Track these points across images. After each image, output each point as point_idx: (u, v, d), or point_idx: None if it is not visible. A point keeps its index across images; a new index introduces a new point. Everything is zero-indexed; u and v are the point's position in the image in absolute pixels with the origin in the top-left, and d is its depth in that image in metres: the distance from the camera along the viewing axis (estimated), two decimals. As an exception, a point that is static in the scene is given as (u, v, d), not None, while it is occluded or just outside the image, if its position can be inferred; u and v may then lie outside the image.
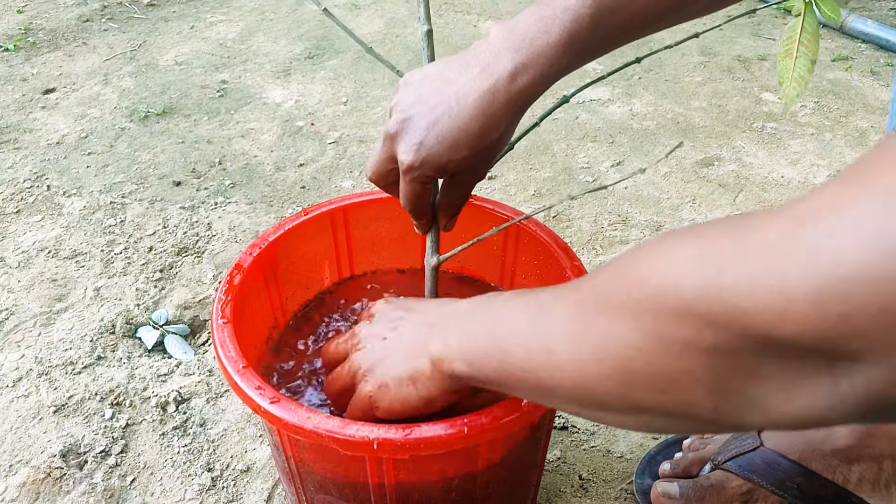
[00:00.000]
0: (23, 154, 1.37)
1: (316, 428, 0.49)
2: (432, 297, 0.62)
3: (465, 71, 0.50)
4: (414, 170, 0.51)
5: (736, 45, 1.79)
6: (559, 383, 0.36)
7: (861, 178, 0.23)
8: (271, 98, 1.57)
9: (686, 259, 0.28)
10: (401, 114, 0.51)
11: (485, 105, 0.49)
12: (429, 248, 0.60)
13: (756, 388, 0.27)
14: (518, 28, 0.49)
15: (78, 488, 0.78)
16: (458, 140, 0.49)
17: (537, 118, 0.62)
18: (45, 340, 0.96)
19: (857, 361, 0.23)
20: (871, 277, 0.22)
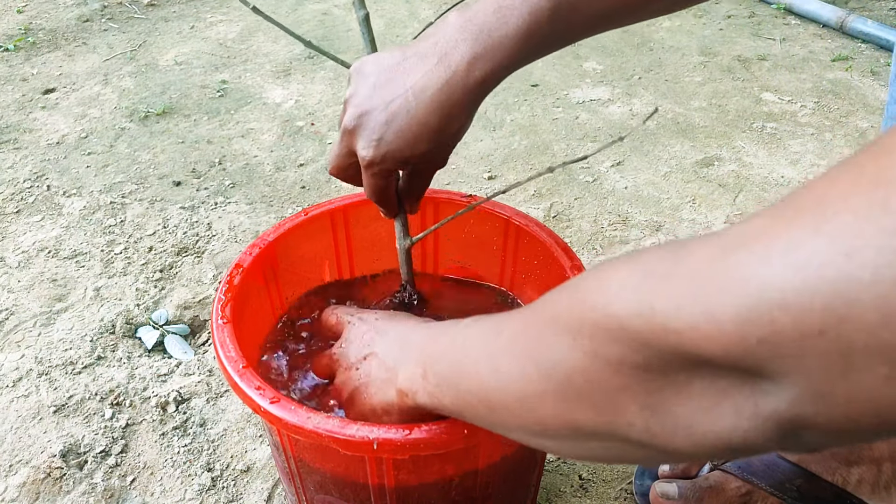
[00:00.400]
0: (23, 154, 1.37)
1: (316, 428, 0.49)
2: (409, 280, 0.62)
3: (421, 62, 0.49)
4: (374, 165, 0.51)
5: (736, 45, 1.79)
6: (506, 404, 0.36)
7: (794, 209, 0.24)
8: (271, 98, 1.57)
9: (622, 281, 0.29)
10: (357, 108, 0.51)
11: (443, 98, 0.48)
12: (398, 232, 0.61)
13: (684, 407, 0.27)
14: (476, 17, 0.48)
15: (78, 488, 0.78)
16: (418, 134, 0.49)
17: None
18: (45, 340, 0.96)
19: (776, 383, 0.24)
20: (793, 304, 0.22)
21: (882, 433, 0.24)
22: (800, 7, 1.93)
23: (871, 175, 0.22)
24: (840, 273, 0.21)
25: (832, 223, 0.22)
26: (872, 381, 0.22)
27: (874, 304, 0.21)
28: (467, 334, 0.42)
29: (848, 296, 0.21)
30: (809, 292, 0.22)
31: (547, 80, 1.63)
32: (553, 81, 1.63)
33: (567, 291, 0.34)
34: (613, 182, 1.30)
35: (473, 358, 0.39)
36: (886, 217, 0.21)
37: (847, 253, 0.21)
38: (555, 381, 0.32)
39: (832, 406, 0.23)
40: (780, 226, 0.24)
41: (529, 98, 1.57)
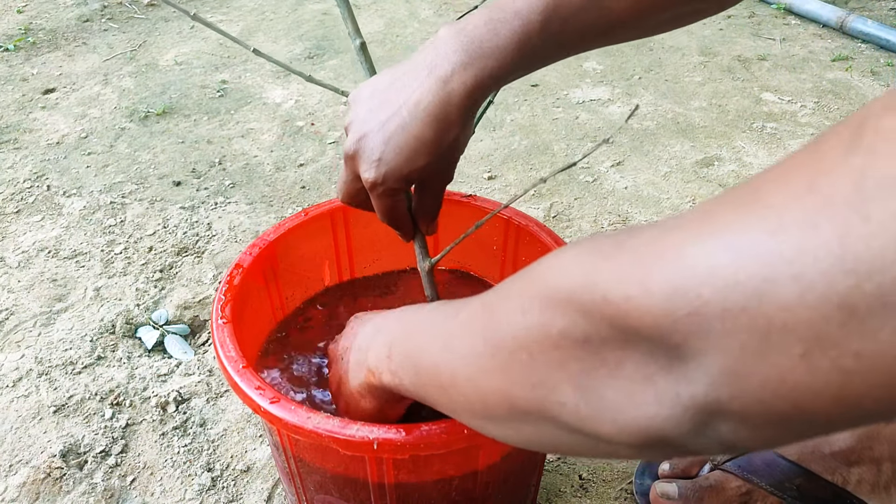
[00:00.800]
0: (23, 154, 1.37)
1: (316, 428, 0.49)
2: (433, 299, 0.62)
3: (413, 78, 0.49)
4: (378, 185, 0.51)
5: (736, 45, 1.79)
6: (455, 383, 0.37)
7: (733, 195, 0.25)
8: (271, 98, 1.57)
9: (573, 257, 0.30)
10: (355, 133, 0.51)
11: (436, 111, 0.48)
12: (418, 253, 0.60)
13: (613, 389, 0.28)
14: (467, 29, 0.48)
15: (78, 488, 0.78)
16: (416, 149, 0.49)
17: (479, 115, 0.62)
18: (45, 340, 0.96)
19: (697, 364, 0.24)
20: (719, 280, 0.23)
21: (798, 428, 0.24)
22: (800, 7, 1.93)
23: (801, 163, 0.23)
24: (764, 250, 0.22)
25: (761, 203, 0.23)
26: (787, 361, 0.22)
27: (793, 279, 0.21)
28: (432, 315, 0.43)
29: (770, 272, 0.22)
30: (735, 269, 0.23)
31: (547, 80, 1.63)
32: (553, 81, 1.63)
33: (523, 273, 0.35)
34: (613, 182, 1.30)
35: (432, 337, 0.40)
36: (809, 196, 0.22)
37: (772, 230, 0.22)
38: (500, 358, 0.33)
39: (747, 389, 0.23)
40: (717, 208, 0.25)
41: (529, 98, 1.57)
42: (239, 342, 0.58)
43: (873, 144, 0.21)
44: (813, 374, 0.22)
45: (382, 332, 0.49)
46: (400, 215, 0.56)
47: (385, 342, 0.47)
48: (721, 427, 0.25)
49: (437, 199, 0.58)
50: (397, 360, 0.45)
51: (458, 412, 0.39)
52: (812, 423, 0.23)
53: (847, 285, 0.20)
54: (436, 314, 0.42)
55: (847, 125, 0.23)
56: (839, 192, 0.21)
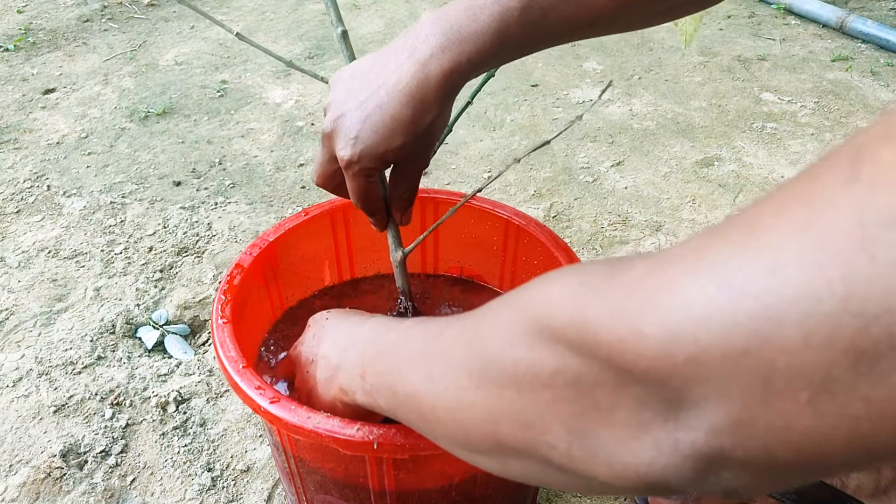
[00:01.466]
0: (23, 154, 1.37)
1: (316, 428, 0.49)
2: (405, 291, 0.62)
3: (392, 59, 0.50)
4: (353, 164, 0.51)
5: (736, 45, 1.79)
6: (435, 413, 0.36)
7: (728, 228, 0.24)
8: (271, 98, 1.57)
9: (561, 290, 0.28)
10: (334, 112, 0.52)
11: (413, 91, 0.49)
12: (391, 243, 0.60)
13: (607, 434, 0.27)
14: (446, 14, 0.49)
15: (78, 488, 0.78)
16: (393, 128, 0.49)
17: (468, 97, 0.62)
18: (45, 340, 0.96)
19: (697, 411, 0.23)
20: (717, 322, 0.22)
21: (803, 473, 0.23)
22: (800, 7, 1.93)
23: (799, 196, 0.22)
24: (764, 290, 0.21)
25: (759, 240, 0.22)
26: (792, 407, 0.21)
27: (797, 321, 0.20)
28: (409, 335, 0.41)
29: (772, 314, 0.20)
30: (734, 310, 0.21)
31: (547, 80, 1.63)
32: (553, 81, 1.63)
33: (510, 299, 0.33)
34: (613, 182, 1.30)
35: (410, 361, 0.39)
36: (810, 233, 0.20)
37: (772, 269, 0.21)
38: (485, 392, 0.32)
39: (751, 437, 0.22)
40: (712, 243, 0.23)
41: (529, 98, 1.57)
42: (239, 342, 0.58)
43: (873, 178, 0.20)
44: (820, 421, 0.21)
45: (354, 347, 0.48)
46: (374, 199, 0.56)
47: (357, 361, 0.46)
48: (724, 474, 0.24)
49: (412, 185, 0.57)
50: (371, 381, 0.44)
51: (439, 440, 0.38)
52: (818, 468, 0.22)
53: (854, 328, 0.19)
54: (413, 334, 0.41)
55: (844, 154, 0.21)
56: (841, 230, 0.20)
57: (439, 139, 0.55)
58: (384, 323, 0.48)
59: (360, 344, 0.47)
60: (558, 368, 0.28)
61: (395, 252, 0.60)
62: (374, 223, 0.59)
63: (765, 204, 0.23)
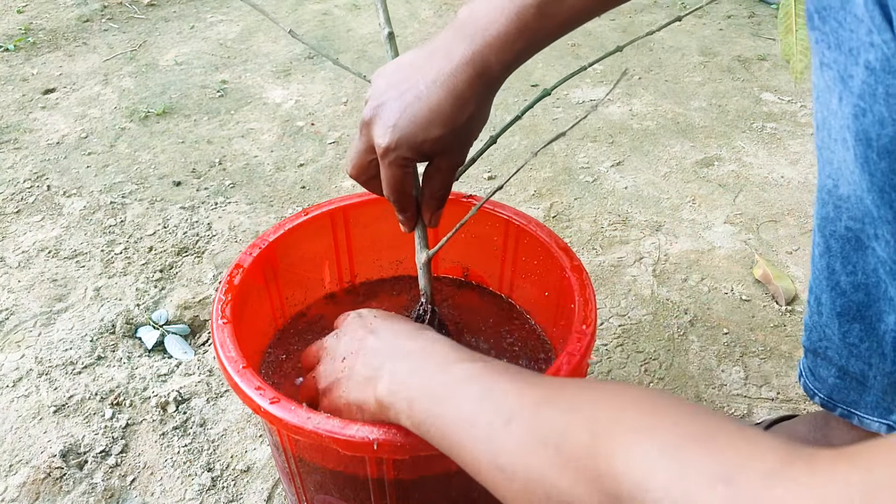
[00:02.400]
0: (23, 154, 1.37)
1: (316, 428, 0.49)
2: (427, 292, 0.62)
3: (430, 58, 0.53)
4: (391, 151, 0.52)
5: (736, 45, 1.79)
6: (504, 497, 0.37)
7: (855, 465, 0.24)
8: (271, 98, 1.57)
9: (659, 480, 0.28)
10: (374, 101, 0.53)
11: (451, 86, 0.51)
12: (417, 244, 0.60)
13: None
14: (472, 17, 0.52)
15: (78, 488, 0.79)
16: (431, 119, 0.51)
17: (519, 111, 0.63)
18: (45, 340, 0.96)
19: None
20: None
21: None
22: (800, 7, 1.93)
23: None
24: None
25: None
26: None
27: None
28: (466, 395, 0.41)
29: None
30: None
31: (547, 80, 1.63)
32: (553, 81, 1.63)
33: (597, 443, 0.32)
34: (613, 182, 1.30)
35: (473, 438, 0.39)
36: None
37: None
38: None
39: None
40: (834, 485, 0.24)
41: (529, 98, 1.57)
42: (239, 342, 0.58)
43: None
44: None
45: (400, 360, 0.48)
46: (407, 192, 0.56)
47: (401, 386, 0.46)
48: None
49: (446, 182, 0.58)
50: (420, 418, 0.44)
51: None
52: None
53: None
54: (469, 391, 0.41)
55: None
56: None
57: (475, 136, 0.56)
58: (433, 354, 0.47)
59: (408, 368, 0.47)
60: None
61: (421, 253, 0.60)
62: (402, 221, 0.59)
63: None
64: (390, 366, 0.48)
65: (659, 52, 1.76)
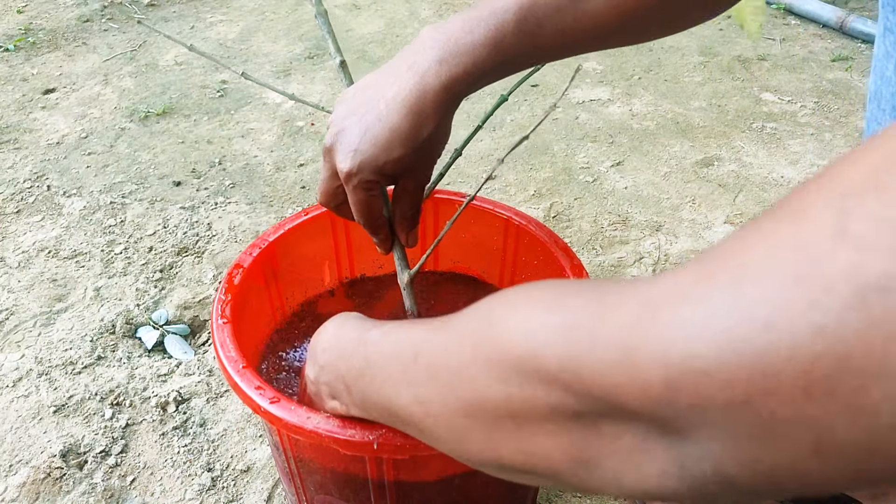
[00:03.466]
0: (23, 154, 1.37)
1: (316, 428, 0.49)
2: (412, 312, 0.61)
3: (391, 74, 0.51)
4: (353, 176, 0.52)
5: (736, 45, 1.79)
6: (436, 434, 0.36)
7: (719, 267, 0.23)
8: (271, 98, 1.57)
9: (546, 329, 0.28)
10: (334, 128, 0.53)
11: (411, 103, 0.49)
12: (398, 265, 0.59)
13: (611, 461, 0.27)
14: (445, 28, 0.50)
15: (78, 488, 0.78)
16: (391, 140, 0.50)
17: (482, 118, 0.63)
18: (45, 340, 0.96)
19: (703, 445, 0.24)
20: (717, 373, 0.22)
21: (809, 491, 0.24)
22: (800, 7, 1.93)
23: (787, 243, 0.22)
24: (761, 345, 0.21)
25: (752, 291, 0.22)
26: (796, 453, 0.21)
27: (795, 378, 0.20)
28: (382, 352, 0.41)
29: (770, 368, 0.21)
30: (733, 363, 0.22)
31: (547, 81, 1.63)
32: (553, 81, 1.63)
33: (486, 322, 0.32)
34: (613, 182, 1.30)
35: (394, 383, 0.39)
36: (802, 288, 0.21)
37: (766, 325, 0.21)
38: (480, 420, 0.32)
39: (757, 471, 0.23)
40: (703, 286, 0.23)
41: (529, 98, 1.57)
42: (239, 342, 0.58)
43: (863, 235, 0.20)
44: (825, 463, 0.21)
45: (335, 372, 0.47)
46: (376, 215, 0.56)
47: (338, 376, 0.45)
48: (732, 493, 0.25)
49: (414, 202, 0.57)
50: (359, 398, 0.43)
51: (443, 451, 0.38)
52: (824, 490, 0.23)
53: (853, 387, 0.19)
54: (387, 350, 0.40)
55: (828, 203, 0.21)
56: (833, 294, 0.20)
57: (439, 153, 0.55)
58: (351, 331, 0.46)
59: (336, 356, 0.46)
60: (555, 406, 0.28)
61: (402, 274, 0.59)
62: (378, 244, 0.59)
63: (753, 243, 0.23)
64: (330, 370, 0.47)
65: (659, 52, 1.76)
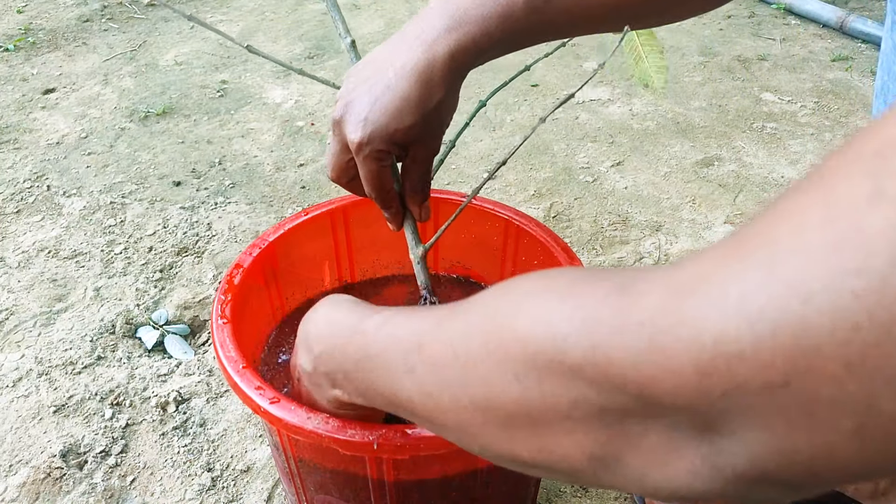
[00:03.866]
0: (23, 154, 1.37)
1: (316, 428, 0.49)
2: (427, 287, 0.61)
3: (401, 43, 0.51)
4: (364, 146, 0.51)
5: (736, 45, 1.79)
6: (445, 425, 0.35)
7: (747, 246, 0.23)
8: (271, 98, 1.57)
9: (566, 322, 0.27)
10: (344, 98, 0.52)
11: (420, 70, 0.50)
12: (409, 240, 0.60)
13: (637, 459, 0.26)
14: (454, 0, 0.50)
15: (78, 488, 0.78)
16: (401, 108, 0.50)
17: None
18: (45, 340, 0.96)
19: (737, 439, 0.23)
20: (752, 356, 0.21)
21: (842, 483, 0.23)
22: (800, 7, 1.93)
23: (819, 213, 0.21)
24: (798, 321, 0.20)
25: (785, 266, 0.21)
26: (837, 437, 0.21)
27: (837, 352, 0.19)
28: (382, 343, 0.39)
29: (809, 345, 0.20)
30: (769, 343, 0.21)
31: (547, 80, 1.63)
32: (553, 81, 1.63)
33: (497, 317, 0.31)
34: (613, 182, 1.30)
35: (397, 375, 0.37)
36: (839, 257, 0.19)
37: (804, 298, 0.20)
38: (493, 416, 0.31)
39: (795, 462, 0.22)
40: (732, 267, 0.22)
41: (529, 98, 1.57)
42: (239, 342, 0.57)
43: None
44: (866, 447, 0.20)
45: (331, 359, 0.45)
46: (387, 187, 0.55)
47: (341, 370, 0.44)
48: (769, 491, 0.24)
49: (424, 173, 0.57)
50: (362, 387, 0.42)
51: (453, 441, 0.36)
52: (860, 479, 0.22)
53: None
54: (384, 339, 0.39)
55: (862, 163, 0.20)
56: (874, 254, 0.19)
57: (447, 123, 0.55)
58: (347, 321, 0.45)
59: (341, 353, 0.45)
60: (577, 402, 0.27)
61: (416, 248, 0.59)
62: (389, 219, 0.58)
63: (781, 219, 0.22)
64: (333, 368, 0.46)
65: (659, 52, 1.76)
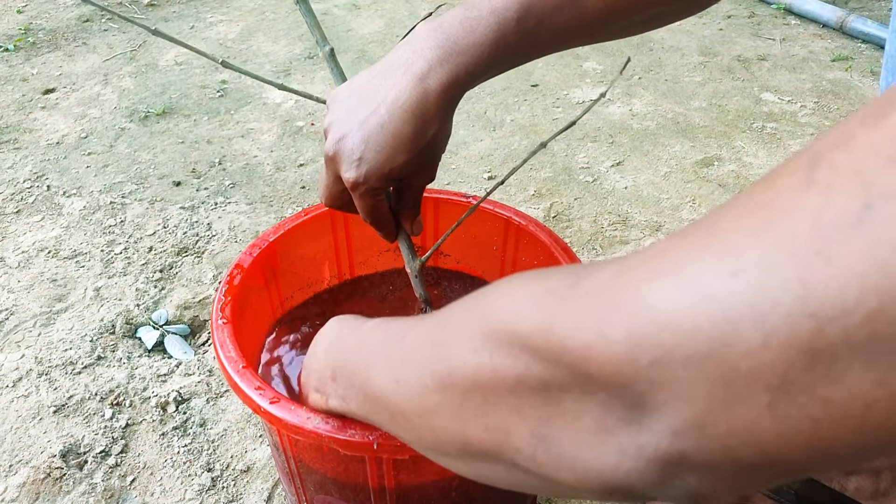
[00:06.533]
0: (23, 154, 1.37)
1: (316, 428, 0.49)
2: (424, 299, 0.61)
3: (390, 75, 0.50)
4: (360, 185, 0.51)
5: (736, 45, 1.79)
6: (405, 415, 0.36)
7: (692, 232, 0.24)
8: (271, 98, 1.57)
9: (526, 297, 0.29)
10: (335, 134, 0.52)
11: (413, 107, 0.49)
12: (405, 254, 0.60)
13: (571, 438, 0.27)
14: (443, 27, 0.49)
15: (78, 488, 0.78)
16: (395, 147, 0.50)
17: None
18: (45, 340, 0.96)
19: (660, 414, 0.24)
20: (679, 325, 0.22)
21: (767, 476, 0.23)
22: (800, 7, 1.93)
23: (759, 201, 0.22)
24: (725, 293, 0.21)
25: (720, 243, 0.22)
26: (753, 410, 0.21)
27: (755, 323, 0.20)
28: (373, 337, 0.41)
29: (732, 316, 0.21)
30: (696, 313, 0.21)
31: (547, 80, 1.63)
32: (553, 81, 1.63)
33: (473, 302, 0.33)
34: (613, 182, 1.30)
35: (376, 364, 0.39)
36: (767, 236, 0.21)
37: (731, 272, 0.21)
38: (451, 394, 0.32)
39: (712, 440, 0.22)
40: (674, 247, 0.24)
41: (529, 98, 1.57)
42: (239, 342, 0.58)
43: (829, 181, 0.20)
44: (781, 423, 0.21)
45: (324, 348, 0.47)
46: (382, 215, 0.56)
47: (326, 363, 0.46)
48: (688, 477, 0.24)
49: (416, 198, 0.58)
50: (343, 385, 0.43)
51: (412, 443, 0.38)
52: (782, 471, 0.23)
53: (810, 329, 0.19)
54: (377, 334, 0.41)
55: (802, 160, 0.22)
56: (798, 232, 0.20)
57: (442, 152, 0.55)
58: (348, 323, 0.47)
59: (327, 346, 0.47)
60: (523, 375, 0.28)
61: (413, 262, 0.60)
62: (383, 236, 0.59)
63: (726, 209, 0.23)
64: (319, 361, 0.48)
65: (659, 52, 1.76)
